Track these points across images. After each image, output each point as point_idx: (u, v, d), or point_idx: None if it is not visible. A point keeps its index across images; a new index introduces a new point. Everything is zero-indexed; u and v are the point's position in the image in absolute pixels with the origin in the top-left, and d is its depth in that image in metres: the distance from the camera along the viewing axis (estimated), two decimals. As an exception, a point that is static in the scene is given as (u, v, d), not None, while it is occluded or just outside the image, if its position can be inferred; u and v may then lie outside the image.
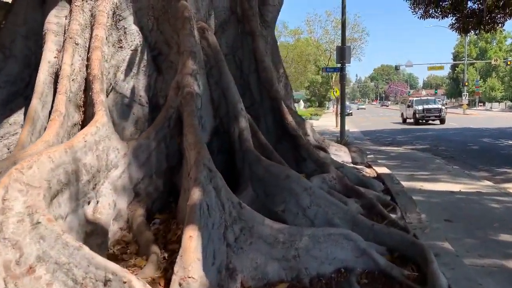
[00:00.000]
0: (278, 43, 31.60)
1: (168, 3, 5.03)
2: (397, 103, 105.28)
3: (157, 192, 4.17)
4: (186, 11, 4.83)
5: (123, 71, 4.95)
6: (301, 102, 63.53)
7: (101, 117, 3.80)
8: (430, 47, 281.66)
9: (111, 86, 4.84)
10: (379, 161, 10.31)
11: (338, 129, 24.56)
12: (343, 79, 18.16)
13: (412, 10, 15.36)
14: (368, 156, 10.70)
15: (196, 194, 3.02)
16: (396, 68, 58.53)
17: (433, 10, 14.84)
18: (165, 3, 5.06)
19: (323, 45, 32.82)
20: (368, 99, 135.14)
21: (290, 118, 6.04)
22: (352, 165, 8.38)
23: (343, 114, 18.10)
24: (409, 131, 23.01)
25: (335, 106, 32.42)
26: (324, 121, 32.32)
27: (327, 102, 66.81)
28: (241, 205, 3.28)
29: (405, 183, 7.61)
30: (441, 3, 14.36)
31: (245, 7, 6.52)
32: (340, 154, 8.73)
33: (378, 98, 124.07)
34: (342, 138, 17.56)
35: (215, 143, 5.08)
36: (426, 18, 15.39)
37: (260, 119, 6.39)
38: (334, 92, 30.07)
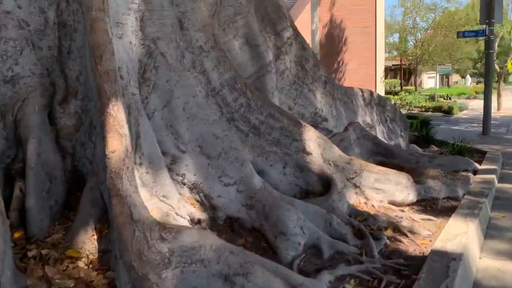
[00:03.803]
0: (423, 5, 25.02)
1: None
2: None
3: None
4: None
5: None
6: (468, 77, 52.06)
7: None
8: None
9: None
10: (504, 185, 5.41)
11: (500, 113, 17.76)
12: (489, 46, 12.34)
13: None
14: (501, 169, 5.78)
15: None
16: None
17: None
18: None
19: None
20: None
21: (120, 132, 2.32)
22: (399, 208, 4.05)
23: (487, 97, 12.37)
24: None
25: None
26: (494, 102, 23.97)
27: (510, 77, 52.08)
28: None
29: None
30: None
31: None
32: (387, 189, 4.41)
33: None
34: (485, 132, 12.17)
35: None
36: None
37: (97, 129, 2.86)
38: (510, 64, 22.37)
